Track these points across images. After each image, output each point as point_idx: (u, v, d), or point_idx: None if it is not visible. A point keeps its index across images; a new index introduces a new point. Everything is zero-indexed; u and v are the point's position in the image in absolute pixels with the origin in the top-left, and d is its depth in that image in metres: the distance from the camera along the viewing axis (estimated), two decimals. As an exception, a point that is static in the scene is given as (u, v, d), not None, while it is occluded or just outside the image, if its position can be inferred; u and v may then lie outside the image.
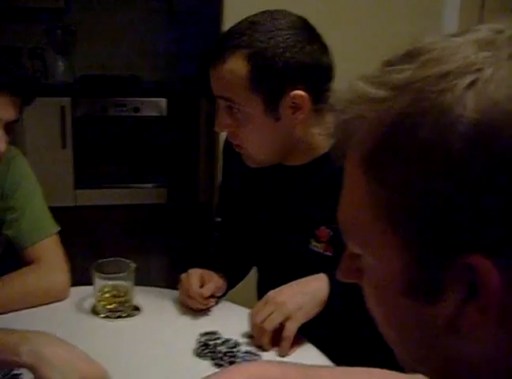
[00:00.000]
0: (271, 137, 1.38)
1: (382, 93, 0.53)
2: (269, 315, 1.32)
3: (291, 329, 1.32)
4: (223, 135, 1.59)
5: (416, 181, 0.50)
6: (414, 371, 0.63)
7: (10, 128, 1.45)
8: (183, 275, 1.50)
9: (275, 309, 1.33)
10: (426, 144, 0.49)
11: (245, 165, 1.48)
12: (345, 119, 0.56)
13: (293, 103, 1.32)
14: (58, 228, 1.63)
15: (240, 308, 1.54)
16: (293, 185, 1.49)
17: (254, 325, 1.36)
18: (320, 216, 1.42)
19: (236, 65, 1.30)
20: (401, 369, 0.66)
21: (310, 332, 1.38)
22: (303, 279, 1.39)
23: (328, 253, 1.43)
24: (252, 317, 1.36)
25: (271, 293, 1.36)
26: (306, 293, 1.35)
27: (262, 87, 1.31)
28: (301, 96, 1.31)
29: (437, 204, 0.49)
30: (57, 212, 1.66)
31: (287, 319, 1.32)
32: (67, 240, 1.63)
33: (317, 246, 1.45)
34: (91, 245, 3.15)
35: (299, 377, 1.01)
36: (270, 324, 1.32)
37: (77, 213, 4.47)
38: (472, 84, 0.49)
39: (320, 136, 1.39)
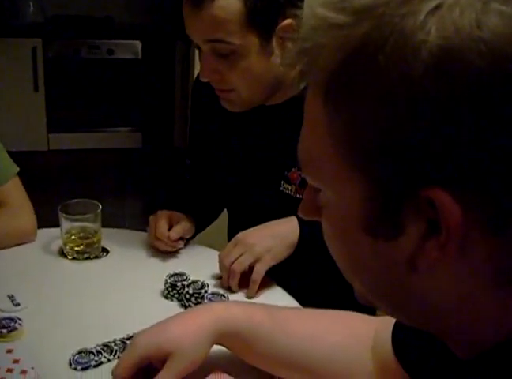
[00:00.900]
0: (265, 76, 1.33)
1: (342, 18, 0.50)
2: (239, 257, 1.32)
3: (259, 271, 1.31)
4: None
5: (374, 109, 0.48)
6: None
7: None
8: (151, 217, 1.49)
9: (244, 251, 1.32)
10: (386, 70, 0.47)
11: (215, 106, 1.44)
12: (305, 48, 0.53)
13: (284, 33, 1.26)
14: (17, 169, 1.59)
15: (209, 250, 1.53)
16: (266, 126, 1.47)
17: (222, 267, 1.35)
18: (291, 158, 1.39)
19: (228, 0, 1.23)
20: (369, 312, 0.65)
21: (280, 278, 1.38)
22: (273, 222, 1.38)
23: (298, 196, 1.42)
24: (221, 258, 1.36)
25: (240, 235, 1.36)
26: (276, 236, 1.35)
27: (257, 20, 1.24)
28: (290, 25, 1.25)
29: (395, 134, 0.47)
30: (29, 157, 1.63)
31: (256, 261, 1.32)
32: (39, 184, 1.60)
33: (287, 189, 1.44)
34: (63, 190, 3.12)
35: (265, 317, 1.01)
36: (239, 266, 1.32)
37: (50, 157, 4.41)
38: (437, 8, 0.46)
39: None
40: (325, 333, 1.01)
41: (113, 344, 1.13)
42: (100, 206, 1.44)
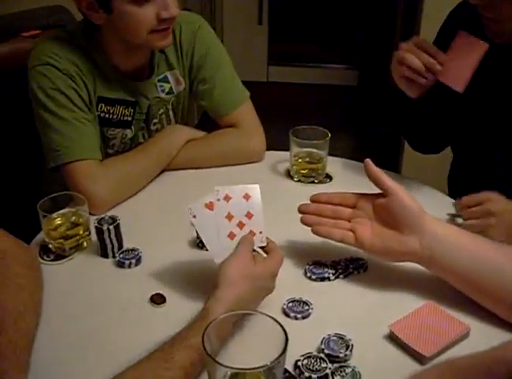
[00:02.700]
0: None
1: None
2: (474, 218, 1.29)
3: None
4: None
5: None
6: None
7: None
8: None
9: (482, 215, 1.28)
10: None
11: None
12: None
13: None
14: (249, 93, 1.69)
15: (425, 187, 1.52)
16: None
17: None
18: None
19: None
20: None
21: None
22: None
23: None
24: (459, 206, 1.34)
25: (496, 198, 1.29)
26: (508, 225, 1.26)
27: None
28: None
29: None
30: (249, 87, 1.71)
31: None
32: (259, 113, 1.69)
33: None
34: (282, 119, 3.23)
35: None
36: (469, 228, 1.25)
37: (269, 88, 4.57)
38: None
39: None
40: None
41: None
42: (329, 134, 1.50)
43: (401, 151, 3.17)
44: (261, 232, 1.12)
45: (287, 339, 0.75)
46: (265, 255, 1.09)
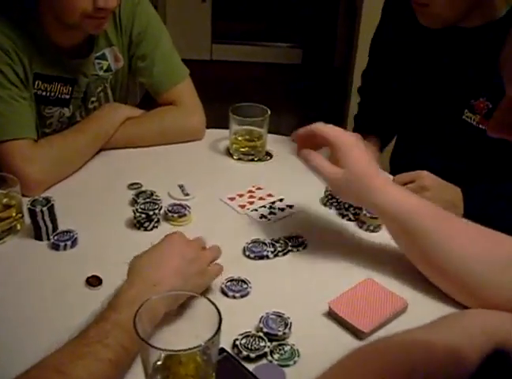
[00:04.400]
0: None
1: None
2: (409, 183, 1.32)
3: None
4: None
5: None
6: None
7: None
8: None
9: (417, 186, 1.31)
10: None
11: (407, 19, 1.41)
12: None
13: None
14: (188, 71, 1.66)
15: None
16: (458, 49, 1.41)
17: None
18: (481, 86, 1.35)
19: None
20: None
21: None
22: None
23: (481, 127, 1.37)
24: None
25: (425, 174, 1.33)
26: (447, 200, 1.32)
27: None
28: None
29: None
30: (193, 65, 1.69)
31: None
32: (202, 92, 1.67)
33: (470, 118, 1.40)
34: (224, 97, 3.21)
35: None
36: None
37: (213, 67, 4.53)
38: None
39: None
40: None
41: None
42: (269, 111, 1.48)
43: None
44: None
45: (220, 319, 0.74)
46: None
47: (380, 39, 1.63)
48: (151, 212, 1.22)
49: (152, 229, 1.23)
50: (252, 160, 1.51)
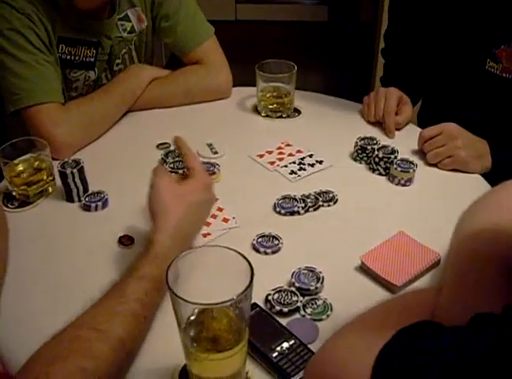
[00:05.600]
0: None
1: None
2: (440, 146, 1.30)
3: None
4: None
5: None
6: None
7: None
8: (382, 89, 1.47)
9: (446, 143, 1.29)
10: None
11: None
12: None
13: None
14: (213, 29, 1.64)
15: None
16: None
17: (421, 144, 1.35)
18: (502, 34, 1.32)
19: None
20: None
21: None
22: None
23: (505, 75, 1.34)
24: (422, 135, 1.34)
25: (453, 125, 1.31)
26: (476, 149, 1.30)
27: None
28: None
29: None
30: (218, 26, 1.66)
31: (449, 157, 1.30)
32: (227, 52, 1.65)
33: (493, 67, 1.36)
34: (250, 56, 3.19)
35: None
36: (434, 159, 1.31)
37: (238, 27, 4.48)
38: None
39: None
40: None
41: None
42: (296, 67, 1.46)
43: (372, 87, 3.14)
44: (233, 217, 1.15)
45: (252, 272, 0.73)
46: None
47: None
48: (180, 171, 1.22)
49: (181, 187, 1.23)
50: (280, 117, 1.50)
